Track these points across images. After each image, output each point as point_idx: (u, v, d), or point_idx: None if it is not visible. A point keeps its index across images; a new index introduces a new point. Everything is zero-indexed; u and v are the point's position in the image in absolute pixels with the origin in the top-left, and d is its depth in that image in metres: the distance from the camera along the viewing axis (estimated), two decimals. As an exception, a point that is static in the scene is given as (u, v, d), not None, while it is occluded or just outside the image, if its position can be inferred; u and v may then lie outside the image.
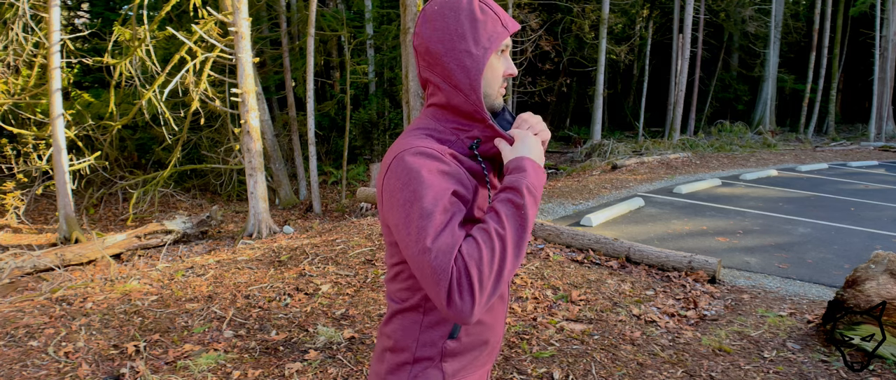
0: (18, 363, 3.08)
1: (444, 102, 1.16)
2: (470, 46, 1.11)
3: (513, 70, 1.19)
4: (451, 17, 1.12)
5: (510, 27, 1.16)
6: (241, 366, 3.11)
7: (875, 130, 18.28)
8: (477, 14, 1.12)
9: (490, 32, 1.12)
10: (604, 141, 14.97)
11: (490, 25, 1.12)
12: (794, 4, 22.98)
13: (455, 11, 1.12)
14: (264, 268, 4.86)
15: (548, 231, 5.47)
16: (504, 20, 1.15)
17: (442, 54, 1.12)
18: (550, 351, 3.24)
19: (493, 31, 1.13)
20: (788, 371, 3.02)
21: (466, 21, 1.12)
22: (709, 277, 4.50)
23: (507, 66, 1.19)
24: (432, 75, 1.15)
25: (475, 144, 1.15)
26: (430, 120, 1.17)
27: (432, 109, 1.18)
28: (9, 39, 8.08)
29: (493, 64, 1.15)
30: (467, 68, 1.11)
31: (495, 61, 1.16)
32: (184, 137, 9.74)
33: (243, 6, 7.12)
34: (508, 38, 1.16)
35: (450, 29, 1.12)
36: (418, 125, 1.17)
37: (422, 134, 1.13)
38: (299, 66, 12.97)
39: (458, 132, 1.15)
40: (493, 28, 1.13)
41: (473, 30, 1.11)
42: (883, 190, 9.11)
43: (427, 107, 1.20)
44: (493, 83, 1.17)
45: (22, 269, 5.94)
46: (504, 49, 1.17)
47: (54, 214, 9.65)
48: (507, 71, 1.19)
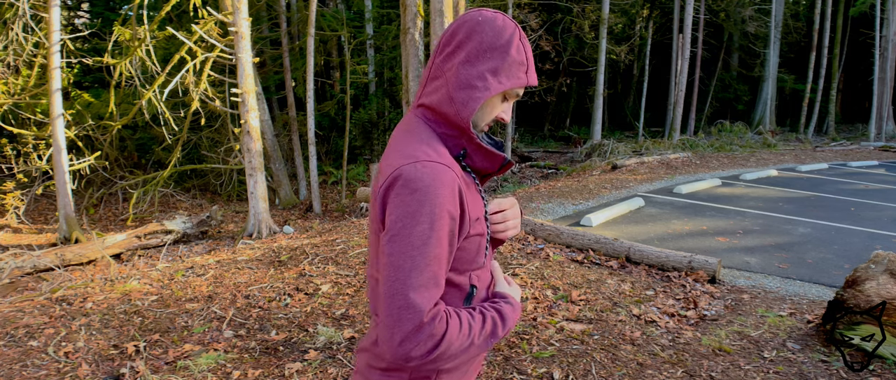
0: (18, 363, 3.08)
1: (436, 104, 1.13)
2: (487, 73, 1.09)
3: (506, 118, 1.18)
4: (490, 37, 1.10)
5: (530, 80, 1.15)
6: (241, 366, 3.11)
7: (875, 130, 18.29)
8: (512, 50, 1.10)
9: (511, 72, 1.11)
10: (604, 141, 14.97)
11: (516, 68, 1.11)
12: (794, 4, 22.98)
13: (495, 35, 1.10)
14: (264, 268, 4.86)
15: (548, 231, 5.47)
16: (529, 70, 1.14)
17: (458, 64, 1.10)
18: (550, 351, 3.24)
19: (515, 73, 1.11)
20: (788, 371, 3.02)
21: (499, 49, 1.09)
22: (709, 277, 4.50)
23: (504, 111, 1.17)
24: (440, 78, 1.12)
25: (462, 154, 1.14)
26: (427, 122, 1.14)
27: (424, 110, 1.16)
28: (9, 39, 8.08)
29: (494, 101, 1.14)
30: (475, 89, 1.09)
31: (497, 101, 1.14)
32: (184, 137, 9.74)
33: (243, 6, 7.12)
34: (521, 89, 1.15)
35: (482, 45, 1.09)
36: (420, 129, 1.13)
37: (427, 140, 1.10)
38: (299, 66, 12.97)
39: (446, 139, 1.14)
40: (517, 70, 1.11)
41: (500, 60, 1.10)
42: (883, 190, 9.11)
43: (419, 106, 1.17)
44: (484, 117, 1.15)
45: (22, 269, 5.94)
46: (512, 97, 1.16)
47: (54, 214, 9.65)
48: (501, 115, 1.17)
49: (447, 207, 1.01)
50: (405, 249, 0.99)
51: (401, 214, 1.00)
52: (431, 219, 0.99)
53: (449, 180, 1.02)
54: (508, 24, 1.12)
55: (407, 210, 1.00)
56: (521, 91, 1.16)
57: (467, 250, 1.12)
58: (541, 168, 14.63)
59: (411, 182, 1.00)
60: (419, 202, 0.99)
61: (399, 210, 1.00)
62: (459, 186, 1.05)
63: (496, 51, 1.09)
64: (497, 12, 1.14)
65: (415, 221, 0.99)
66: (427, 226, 0.99)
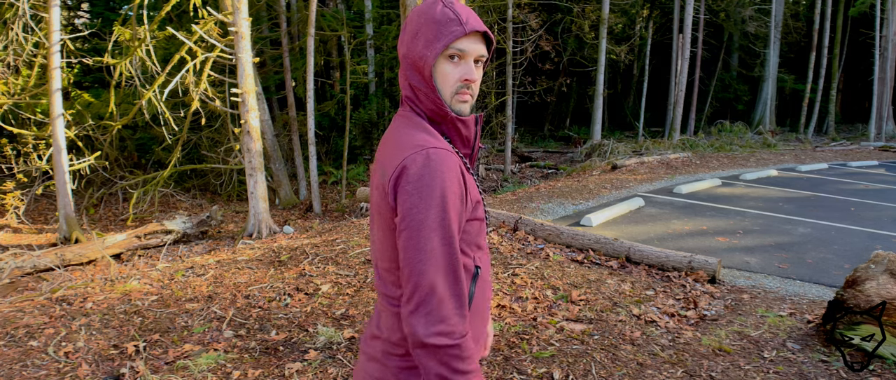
0: (18, 363, 3.08)
1: (407, 97, 1.20)
2: (422, 47, 1.13)
3: (470, 75, 1.14)
4: (416, 20, 1.16)
5: (467, 28, 1.12)
6: (241, 366, 3.11)
7: (875, 130, 18.28)
8: (437, 16, 1.13)
9: (441, 32, 1.12)
10: (604, 141, 14.96)
11: (444, 27, 1.12)
12: (794, 4, 22.98)
13: (420, 15, 1.15)
14: (264, 268, 4.86)
15: (548, 231, 5.47)
16: (465, 20, 1.13)
17: (406, 56, 1.17)
18: (550, 351, 3.24)
19: (446, 31, 1.12)
20: (788, 371, 3.02)
21: (426, 23, 1.14)
22: (709, 277, 4.50)
23: (464, 72, 1.14)
24: (401, 76, 1.20)
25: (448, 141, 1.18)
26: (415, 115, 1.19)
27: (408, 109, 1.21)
28: (9, 39, 8.08)
29: (443, 67, 1.14)
30: (421, 69, 1.14)
31: (446, 65, 1.14)
32: (184, 137, 9.74)
33: (243, 6, 7.12)
34: (465, 42, 1.13)
35: (414, 31, 1.15)
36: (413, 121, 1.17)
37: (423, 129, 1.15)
38: (299, 66, 12.97)
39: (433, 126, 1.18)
40: (447, 29, 1.12)
41: (429, 31, 1.13)
42: (883, 190, 9.11)
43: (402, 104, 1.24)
44: (444, 87, 1.15)
45: (22, 269, 5.94)
46: (457, 54, 1.13)
47: (54, 214, 9.65)
48: (464, 76, 1.14)
49: (455, 189, 1.06)
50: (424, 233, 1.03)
51: (415, 201, 1.04)
52: (443, 202, 1.04)
53: (453, 164, 1.07)
54: (433, 3, 1.16)
55: (421, 196, 1.04)
56: (464, 45, 1.13)
57: (469, 233, 1.16)
58: (541, 168, 14.63)
59: (421, 169, 1.05)
60: (430, 188, 1.04)
61: (413, 197, 1.04)
62: (462, 168, 1.11)
63: (423, 25, 1.14)
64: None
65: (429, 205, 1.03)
66: (440, 209, 1.04)
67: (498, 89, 14.49)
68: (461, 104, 1.16)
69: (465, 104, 1.17)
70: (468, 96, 1.17)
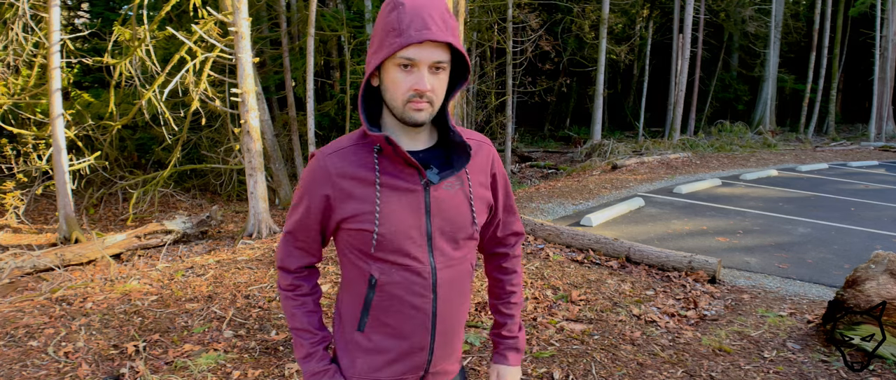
0: (18, 363, 3.08)
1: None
2: (371, 53, 1.14)
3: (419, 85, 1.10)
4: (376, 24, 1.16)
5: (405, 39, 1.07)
6: (241, 366, 3.11)
7: (875, 130, 18.28)
8: (384, 23, 1.10)
9: (386, 42, 1.09)
10: (604, 141, 14.96)
11: (389, 36, 1.09)
12: (794, 4, 22.98)
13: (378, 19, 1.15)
14: (264, 268, 4.86)
15: (548, 231, 5.47)
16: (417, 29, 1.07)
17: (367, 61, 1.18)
18: (550, 351, 3.24)
19: (388, 41, 1.09)
20: (788, 371, 3.02)
21: (378, 29, 1.13)
22: (709, 277, 4.50)
23: (415, 82, 1.10)
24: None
25: (377, 148, 1.18)
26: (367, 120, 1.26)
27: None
28: (9, 39, 8.08)
29: (392, 75, 1.11)
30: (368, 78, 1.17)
31: (395, 73, 1.11)
32: (184, 137, 9.74)
33: (243, 6, 7.12)
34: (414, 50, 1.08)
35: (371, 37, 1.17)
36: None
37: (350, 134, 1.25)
38: (299, 66, 12.97)
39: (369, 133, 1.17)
40: (390, 39, 1.08)
41: (378, 38, 1.12)
42: (883, 190, 9.10)
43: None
44: (394, 95, 1.12)
45: (22, 269, 5.94)
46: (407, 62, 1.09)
47: (54, 214, 9.65)
48: (415, 86, 1.10)
49: (308, 190, 1.21)
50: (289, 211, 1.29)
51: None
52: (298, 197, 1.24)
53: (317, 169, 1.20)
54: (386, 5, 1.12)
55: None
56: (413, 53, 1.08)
57: (353, 238, 1.21)
58: (541, 168, 14.63)
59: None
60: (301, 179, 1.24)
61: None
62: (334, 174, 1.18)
63: (377, 30, 1.13)
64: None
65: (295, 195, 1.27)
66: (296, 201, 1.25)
67: (498, 89, 14.49)
68: (415, 113, 1.12)
69: (420, 113, 1.12)
70: (424, 105, 1.12)
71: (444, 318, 1.26)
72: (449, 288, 1.25)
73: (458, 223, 1.23)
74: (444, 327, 1.27)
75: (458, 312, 1.29)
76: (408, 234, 1.19)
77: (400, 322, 1.23)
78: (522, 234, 1.45)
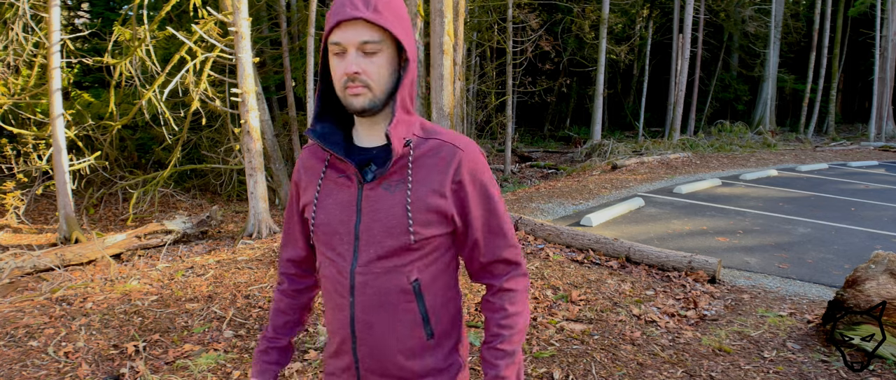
0: (18, 363, 3.08)
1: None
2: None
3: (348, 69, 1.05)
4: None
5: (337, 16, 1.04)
6: (241, 366, 3.11)
7: (875, 129, 18.28)
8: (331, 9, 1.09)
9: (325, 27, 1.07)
10: (604, 141, 14.96)
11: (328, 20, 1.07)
12: (794, 4, 22.98)
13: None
14: (264, 268, 4.86)
15: (548, 231, 5.47)
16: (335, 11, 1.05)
17: None
18: (550, 351, 3.24)
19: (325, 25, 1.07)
20: (788, 371, 3.02)
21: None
22: (709, 277, 4.50)
23: (344, 66, 1.06)
24: None
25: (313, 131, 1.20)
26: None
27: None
28: (9, 39, 8.08)
29: (331, 62, 1.10)
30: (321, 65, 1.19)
31: (332, 60, 1.09)
32: (184, 137, 9.74)
33: (243, 6, 7.12)
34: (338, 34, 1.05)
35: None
36: None
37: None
38: (299, 66, 12.96)
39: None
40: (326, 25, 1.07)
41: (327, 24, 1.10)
42: (883, 190, 9.11)
43: None
44: (336, 82, 1.10)
45: (22, 269, 5.94)
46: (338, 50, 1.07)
47: (54, 214, 9.65)
48: (345, 70, 1.06)
49: (292, 180, 1.30)
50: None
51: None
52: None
53: (298, 160, 1.28)
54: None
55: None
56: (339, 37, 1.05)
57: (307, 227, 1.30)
58: (541, 168, 14.63)
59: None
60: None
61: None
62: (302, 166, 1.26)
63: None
64: None
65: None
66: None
67: (498, 89, 14.49)
68: (352, 98, 1.08)
69: (357, 98, 1.07)
70: (359, 88, 1.07)
71: (366, 330, 1.15)
72: (370, 298, 1.14)
73: (390, 227, 1.11)
74: (368, 341, 1.16)
75: (387, 330, 1.15)
76: (335, 229, 1.17)
77: (331, 316, 1.22)
78: (516, 263, 1.22)
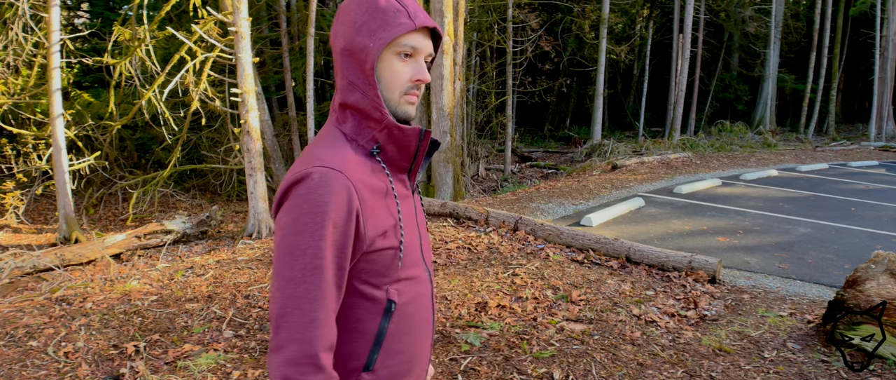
0: (18, 363, 3.08)
1: (343, 97, 1.06)
2: (365, 38, 1.02)
3: (423, 76, 1.05)
4: (354, 8, 1.04)
5: (417, 22, 1.02)
6: (241, 366, 3.11)
7: (875, 129, 18.28)
8: (381, 5, 1.02)
9: (388, 23, 1.01)
10: (604, 141, 14.96)
11: (390, 17, 1.01)
12: (794, 4, 22.98)
13: (360, 3, 1.04)
14: (264, 268, 4.86)
15: (548, 231, 5.47)
16: (412, 13, 1.03)
17: (342, 48, 1.05)
18: (550, 351, 3.23)
19: (393, 22, 1.01)
20: (788, 371, 3.02)
21: (369, 12, 1.02)
22: (709, 277, 4.50)
23: (416, 72, 1.05)
24: (338, 73, 1.07)
25: (376, 149, 1.05)
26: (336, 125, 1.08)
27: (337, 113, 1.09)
28: (9, 39, 8.08)
29: (391, 65, 1.03)
30: (361, 62, 1.02)
31: (395, 63, 1.04)
32: (184, 137, 9.73)
33: (243, 6, 7.12)
34: (417, 38, 1.04)
35: (352, 21, 1.03)
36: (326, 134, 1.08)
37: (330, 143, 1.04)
38: (299, 66, 12.96)
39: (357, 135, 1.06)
40: (394, 19, 1.01)
41: (371, 20, 1.02)
42: (883, 190, 9.10)
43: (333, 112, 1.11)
44: (392, 87, 1.04)
45: (22, 269, 5.94)
46: (408, 51, 1.04)
47: (54, 214, 9.65)
48: (415, 76, 1.05)
49: (333, 216, 0.95)
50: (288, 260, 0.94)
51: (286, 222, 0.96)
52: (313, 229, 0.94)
53: (337, 187, 0.96)
54: None
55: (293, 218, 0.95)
56: (416, 42, 1.04)
57: (376, 263, 1.04)
58: (541, 168, 14.63)
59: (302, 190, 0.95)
60: (304, 211, 0.94)
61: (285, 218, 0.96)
62: (351, 191, 0.97)
63: (366, 15, 1.02)
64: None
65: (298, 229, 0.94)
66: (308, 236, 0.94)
67: (498, 89, 14.49)
68: (409, 106, 1.07)
69: (412, 106, 1.07)
70: (416, 97, 1.07)
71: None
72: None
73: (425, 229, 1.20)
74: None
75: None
76: (416, 244, 1.11)
77: (410, 344, 1.10)
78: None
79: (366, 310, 1.05)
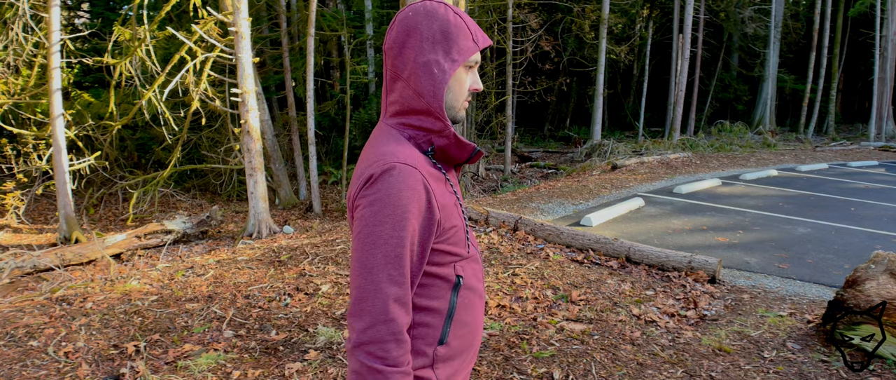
0: (18, 363, 3.08)
1: (406, 104, 1.17)
2: (440, 57, 1.14)
3: (479, 86, 1.22)
4: (425, 25, 1.14)
5: (481, 42, 1.18)
6: (241, 366, 3.11)
7: (875, 129, 18.28)
8: (451, 26, 1.15)
9: (461, 46, 1.16)
10: (604, 141, 14.96)
11: (462, 39, 1.16)
12: (794, 4, 22.98)
13: (429, 20, 1.14)
14: (264, 268, 4.86)
15: (548, 231, 5.47)
16: (476, 35, 1.18)
17: (411, 61, 1.15)
18: (550, 351, 3.24)
19: (464, 45, 1.16)
20: (788, 371, 3.02)
21: (439, 31, 1.14)
22: (709, 277, 4.50)
23: (474, 81, 1.22)
24: (399, 80, 1.17)
25: (430, 150, 1.18)
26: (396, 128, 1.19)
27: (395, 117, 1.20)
28: (9, 39, 8.08)
29: (460, 77, 1.19)
30: (434, 77, 1.14)
31: (463, 75, 1.19)
32: (184, 136, 9.73)
33: (243, 6, 7.12)
34: (478, 54, 1.19)
35: (422, 36, 1.14)
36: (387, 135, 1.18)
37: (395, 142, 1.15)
38: (299, 66, 12.97)
39: (416, 137, 1.18)
40: (464, 42, 1.16)
41: (445, 41, 1.14)
42: (883, 190, 9.11)
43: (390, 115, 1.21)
44: (459, 96, 1.20)
45: (22, 269, 5.94)
46: (472, 65, 1.20)
47: (54, 214, 9.65)
48: (473, 86, 1.22)
49: (413, 208, 1.07)
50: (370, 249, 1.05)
51: (368, 215, 1.06)
52: (398, 220, 1.05)
53: (414, 182, 1.07)
54: (437, 6, 1.17)
55: (375, 211, 1.06)
56: (477, 57, 1.20)
57: (448, 242, 1.17)
58: (541, 168, 14.63)
59: (382, 184, 1.06)
60: (385, 203, 1.05)
61: (366, 211, 1.07)
62: (426, 184, 1.10)
63: (438, 33, 1.14)
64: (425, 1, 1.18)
65: (381, 221, 1.05)
66: (392, 227, 1.05)
67: (498, 89, 14.49)
68: (463, 111, 1.23)
69: (464, 110, 1.23)
70: (468, 103, 1.24)
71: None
72: None
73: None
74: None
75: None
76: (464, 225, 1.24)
77: (473, 316, 1.24)
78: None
79: (439, 288, 1.17)
